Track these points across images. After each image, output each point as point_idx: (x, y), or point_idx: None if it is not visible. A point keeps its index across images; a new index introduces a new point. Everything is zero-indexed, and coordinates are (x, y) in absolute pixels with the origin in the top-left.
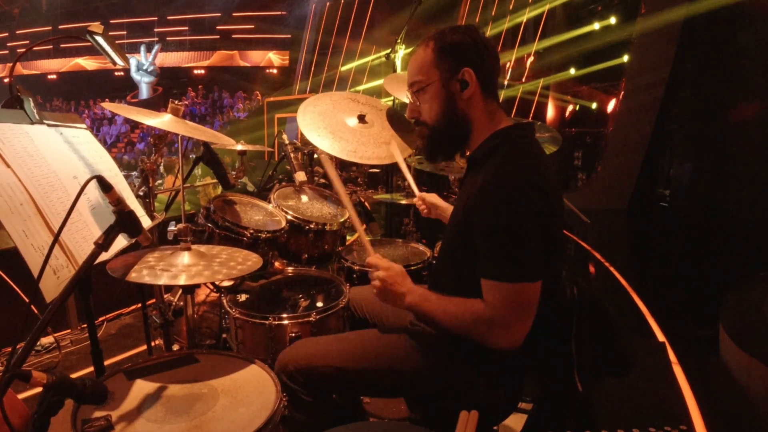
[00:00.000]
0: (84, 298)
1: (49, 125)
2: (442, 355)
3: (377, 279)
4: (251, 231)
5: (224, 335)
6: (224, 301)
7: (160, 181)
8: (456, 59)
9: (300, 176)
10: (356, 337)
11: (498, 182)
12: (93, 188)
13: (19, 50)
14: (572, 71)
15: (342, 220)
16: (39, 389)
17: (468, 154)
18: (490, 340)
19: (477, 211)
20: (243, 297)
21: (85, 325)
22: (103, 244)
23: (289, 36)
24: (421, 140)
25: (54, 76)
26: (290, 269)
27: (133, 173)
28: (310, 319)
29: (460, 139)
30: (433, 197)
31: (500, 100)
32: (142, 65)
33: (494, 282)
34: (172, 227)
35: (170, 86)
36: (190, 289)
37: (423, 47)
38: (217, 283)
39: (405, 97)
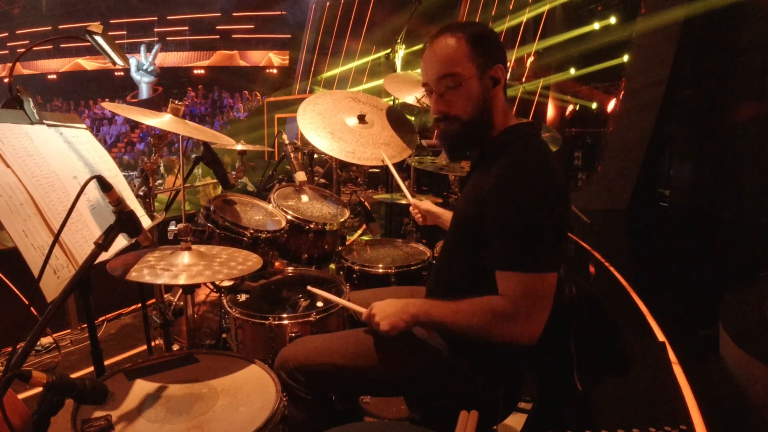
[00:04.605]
0: (84, 298)
1: (48, 125)
2: (441, 355)
3: (380, 323)
4: (251, 231)
5: (224, 335)
6: (224, 301)
7: (160, 181)
8: (489, 54)
9: (300, 176)
10: (357, 335)
11: (516, 174)
12: (93, 188)
13: (19, 50)
14: (572, 71)
15: (342, 220)
16: (38, 389)
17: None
18: (511, 334)
19: (492, 203)
20: (243, 297)
21: (85, 325)
22: (103, 243)
23: (289, 36)
24: (447, 137)
25: (54, 76)
26: (290, 269)
27: (133, 173)
28: (310, 319)
29: (486, 135)
30: (426, 204)
31: None
32: (142, 65)
33: (513, 273)
34: (172, 227)
35: (170, 86)
36: (190, 289)
37: (451, 39)
38: (217, 283)
39: (405, 97)
